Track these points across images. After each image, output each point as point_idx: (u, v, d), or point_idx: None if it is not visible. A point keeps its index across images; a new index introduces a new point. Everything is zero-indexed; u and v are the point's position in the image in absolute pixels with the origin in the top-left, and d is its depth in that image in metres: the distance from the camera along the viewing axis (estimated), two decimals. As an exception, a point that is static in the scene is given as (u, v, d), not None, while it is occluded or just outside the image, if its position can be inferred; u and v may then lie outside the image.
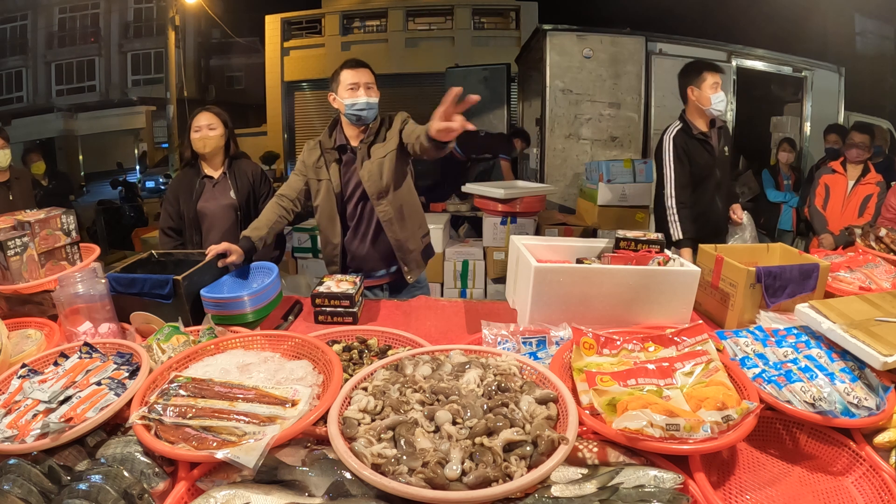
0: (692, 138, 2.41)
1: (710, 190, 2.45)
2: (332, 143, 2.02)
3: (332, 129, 2.05)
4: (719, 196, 2.49)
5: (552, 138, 4.83)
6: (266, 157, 8.88)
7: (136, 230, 6.37)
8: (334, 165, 2.01)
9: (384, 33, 10.65)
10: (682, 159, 2.38)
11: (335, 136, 2.03)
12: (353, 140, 2.02)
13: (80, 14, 13.20)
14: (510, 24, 10.40)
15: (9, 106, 12.39)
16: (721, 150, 2.47)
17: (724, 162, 2.48)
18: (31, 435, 0.94)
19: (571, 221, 4.25)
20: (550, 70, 4.71)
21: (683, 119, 2.45)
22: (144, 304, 1.51)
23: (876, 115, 5.94)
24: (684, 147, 2.39)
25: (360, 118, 1.94)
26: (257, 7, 10.97)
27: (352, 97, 1.91)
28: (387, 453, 0.85)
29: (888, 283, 1.62)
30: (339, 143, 2.01)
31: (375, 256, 2.08)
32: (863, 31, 8.07)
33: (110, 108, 12.88)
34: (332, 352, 1.15)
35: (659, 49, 4.85)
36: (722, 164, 2.46)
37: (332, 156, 2.02)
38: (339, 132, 2.03)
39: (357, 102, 1.91)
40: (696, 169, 2.41)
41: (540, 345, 1.30)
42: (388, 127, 2.03)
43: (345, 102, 1.92)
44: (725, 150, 2.49)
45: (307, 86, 11.05)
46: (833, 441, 1.02)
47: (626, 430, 0.89)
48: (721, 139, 2.49)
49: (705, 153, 2.42)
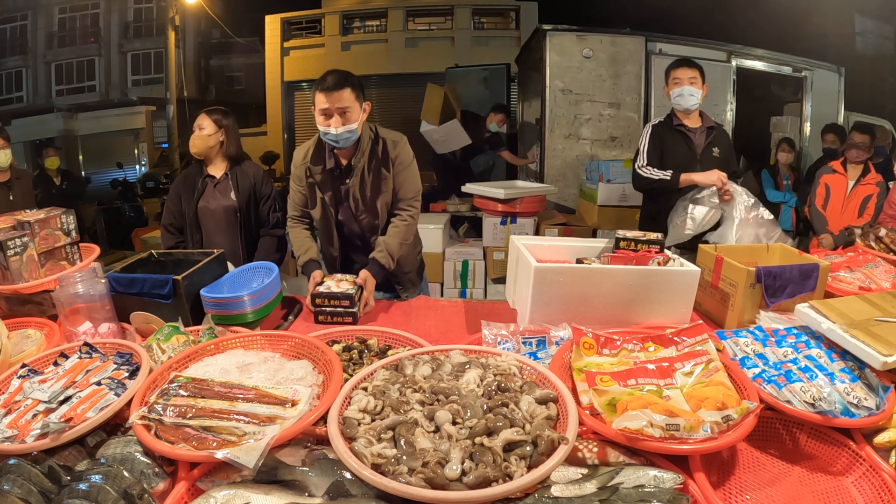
0: (671, 129, 2.51)
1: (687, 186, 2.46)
2: (321, 166, 1.90)
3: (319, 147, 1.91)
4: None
5: (552, 138, 4.83)
6: (266, 157, 8.87)
7: (136, 230, 6.37)
8: (327, 184, 1.92)
9: (384, 33, 10.64)
10: (656, 143, 2.51)
11: (325, 155, 1.89)
12: (341, 156, 1.89)
13: (80, 14, 13.19)
14: (510, 24, 10.39)
15: (9, 106, 12.38)
16: (707, 150, 2.49)
17: (712, 162, 2.47)
18: (31, 435, 0.94)
19: (571, 221, 4.25)
20: (550, 70, 4.71)
21: (670, 114, 2.56)
22: (144, 304, 1.51)
23: (876, 115, 5.94)
24: (660, 135, 2.52)
25: (337, 145, 1.81)
26: (257, 7, 10.96)
27: (324, 125, 1.76)
28: (387, 453, 0.85)
29: (888, 283, 1.62)
30: (328, 167, 1.89)
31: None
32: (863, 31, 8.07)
33: (110, 108, 12.87)
34: (332, 352, 1.16)
35: (659, 49, 4.85)
36: (707, 164, 2.45)
37: (323, 176, 1.91)
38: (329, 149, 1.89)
39: (329, 133, 1.76)
40: (670, 158, 2.48)
41: (540, 345, 1.30)
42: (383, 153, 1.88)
43: (319, 128, 1.79)
44: (714, 151, 2.50)
45: (307, 86, 11.03)
46: (833, 441, 1.02)
47: (626, 430, 0.89)
48: (710, 139, 2.50)
49: (683, 145, 2.49)
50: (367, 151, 1.88)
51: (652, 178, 2.43)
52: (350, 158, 1.89)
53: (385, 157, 1.89)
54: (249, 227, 2.31)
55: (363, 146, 1.87)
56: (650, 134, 2.54)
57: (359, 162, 1.87)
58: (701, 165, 2.46)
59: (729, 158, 2.56)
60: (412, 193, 1.95)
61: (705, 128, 2.51)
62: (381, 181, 1.90)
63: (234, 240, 2.28)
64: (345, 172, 1.91)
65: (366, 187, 1.90)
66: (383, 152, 1.89)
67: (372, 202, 1.92)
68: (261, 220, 2.35)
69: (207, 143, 2.24)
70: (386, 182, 1.90)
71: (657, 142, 2.51)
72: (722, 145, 2.53)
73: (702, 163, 2.47)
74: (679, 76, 2.45)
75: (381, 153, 1.89)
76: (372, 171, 1.89)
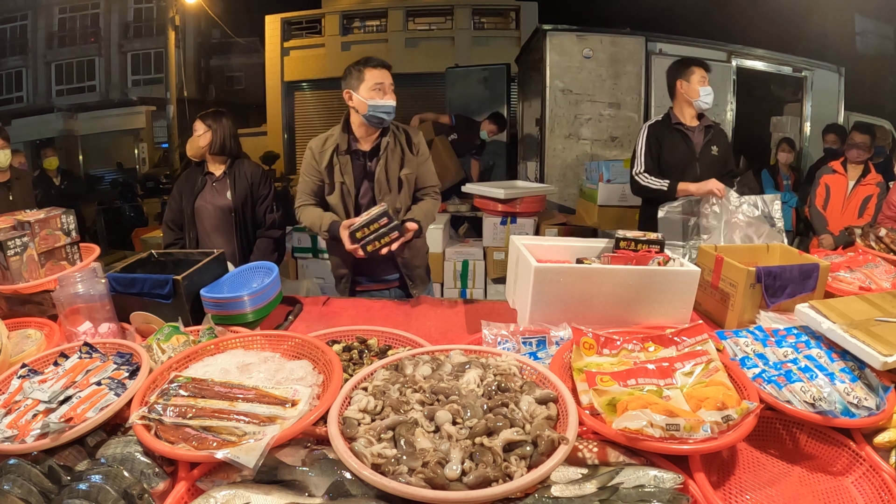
0: (669, 128, 2.50)
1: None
2: (346, 145, 1.98)
3: (346, 130, 2.00)
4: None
5: (552, 138, 4.83)
6: (266, 157, 8.87)
7: (136, 230, 6.37)
8: (349, 168, 1.98)
9: (384, 33, 10.64)
10: (652, 147, 2.50)
11: (349, 137, 1.99)
12: (364, 142, 1.99)
13: (80, 14, 13.18)
14: (510, 24, 10.38)
15: (9, 106, 12.37)
16: (706, 148, 2.49)
17: (711, 161, 2.48)
18: (31, 435, 0.94)
19: (571, 221, 4.25)
20: (550, 70, 4.71)
21: (668, 113, 2.55)
22: (144, 304, 1.51)
23: (876, 115, 5.94)
24: (657, 136, 2.51)
25: (382, 121, 1.92)
26: (257, 7, 10.95)
27: (378, 98, 1.88)
28: (387, 453, 0.85)
29: (888, 283, 1.62)
30: (353, 148, 1.98)
31: (380, 259, 2.05)
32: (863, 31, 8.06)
33: (110, 108, 12.86)
34: (332, 352, 1.15)
35: (659, 49, 4.85)
36: (706, 163, 2.47)
37: (345, 158, 1.98)
38: (351, 132, 2.00)
39: (383, 104, 1.88)
40: (669, 158, 2.48)
41: (540, 345, 1.30)
42: (406, 141, 2.01)
43: (368, 103, 1.88)
44: (713, 150, 2.50)
45: (307, 86, 11.04)
46: (833, 441, 1.02)
47: (626, 430, 0.89)
48: (709, 138, 2.50)
49: (682, 144, 2.48)
50: (392, 133, 2.00)
51: (649, 187, 2.43)
52: (373, 142, 1.99)
53: (409, 142, 2.03)
54: (245, 227, 2.32)
55: (391, 128, 2.01)
56: (646, 136, 2.53)
57: (387, 143, 1.98)
58: (700, 164, 2.46)
59: (727, 157, 2.57)
60: (433, 182, 2.11)
61: (703, 126, 2.51)
62: (405, 162, 2.01)
63: (229, 239, 2.28)
64: (368, 155, 2.00)
65: (391, 167, 1.99)
66: (406, 137, 2.03)
67: (397, 182, 1.99)
68: (257, 221, 2.35)
69: (199, 145, 2.30)
70: (409, 164, 2.01)
71: (653, 144, 2.50)
72: (720, 144, 2.53)
73: (700, 161, 2.47)
74: (705, 75, 2.44)
75: (404, 138, 2.03)
76: (396, 153, 2.00)
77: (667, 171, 2.47)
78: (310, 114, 11.02)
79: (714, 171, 2.50)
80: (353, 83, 1.91)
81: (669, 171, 2.46)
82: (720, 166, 2.49)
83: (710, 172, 2.47)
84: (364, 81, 1.88)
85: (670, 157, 2.47)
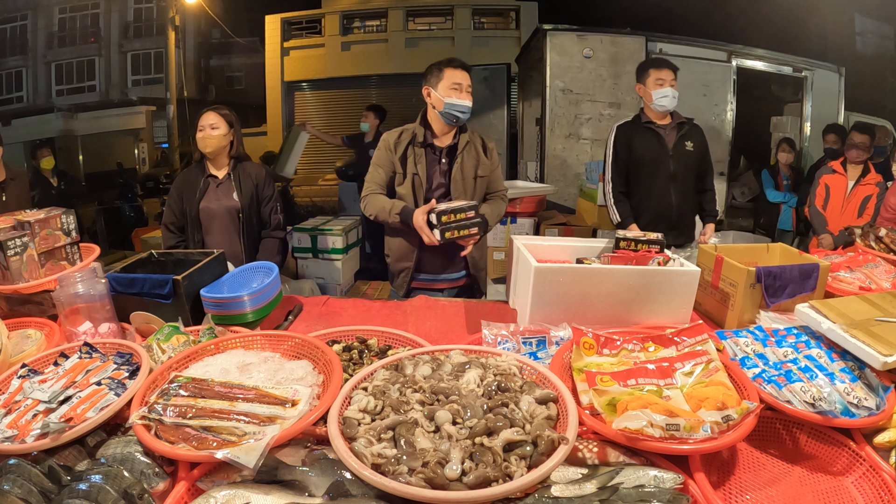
0: (640, 126, 2.53)
1: (660, 181, 2.50)
2: (423, 138, 2.03)
3: (423, 124, 2.06)
4: (675, 189, 2.51)
5: (552, 138, 4.84)
6: (266, 157, 8.87)
7: (136, 230, 6.36)
8: (423, 160, 2.03)
9: (384, 33, 10.64)
10: (620, 149, 2.54)
11: (426, 132, 2.05)
12: (440, 139, 2.05)
13: (80, 14, 13.16)
14: (510, 24, 10.39)
15: (9, 106, 12.36)
16: (679, 144, 2.50)
17: (685, 156, 2.49)
18: (31, 435, 0.94)
19: (571, 221, 4.25)
20: (550, 70, 4.72)
21: (638, 113, 2.58)
22: (144, 304, 1.51)
23: (876, 115, 5.93)
24: (627, 136, 2.54)
25: (457, 118, 1.98)
26: (257, 7, 10.97)
27: (455, 97, 1.95)
28: (387, 453, 0.85)
29: (888, 283, 1.62)
30: (429, 141, 2.04)
31: (449, 256, 2.07)
32: (863, 31, 8.05)
33: (110, 108, 12.85)
34: (332, 352, 1.15)
35: (659, 49, 4.85)
36: (680, 159, 2.48)
37: (420, 151, 2.03)
38: (429, 127, 2.05)
39: (459, 104, 1.96)
40: (640, 157, 2.50)
41: (540, 345, 1.30)
42: (482, 145, 2.09)
43: (445, 101, 1.95)
44: (687, 145, 2.50)
45: (307, 86, 11.05)
46: (833, 441, 1.02)
47: (626, 430, 0.89)
48: (682, 133, 2.51)
49: (653, 142, 2.50)
50: (469, 134, 2.09)
51: (608, 207, 2.54)
52: (449, 140, 2.06)
53: (484, 145, 2.12)
54: (251, 228, 2.31)
55: (467, 128, 2.09)
56: (614, 139, 2.56)
57: (466, 141, 2.06)
58: (673, 161, 2.48)
59: (703, 152, 2.56)
60: (502, 187, 2.20)
61: (676, 124, 2.52)
62: (479, 163, 2.08)
63: (235, 240, 2.28)
64: (444, 152, 2.06)
65: (466, 166, 2.05)
66: (482, 142, 2.12)
67: (472, 181, 2.06)
68: (262, 222, 2.35)
69: (221, 143, 2.25)
70: (483, 167, 2.08)
71: (622, 149, 2.54)
72: (696, 139, 2.53)
73: (674, 158, 2.49)
74: (663, 77, 2.43)
75: (480, 142, 2.11)
76: (471, 153, 2.07)
77: (639, 167, 2.51)
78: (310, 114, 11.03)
79: (691, 168, 2.53)
80: (433, 81, 1.99)
81: (638, 170, 2.50)
82: (697, 161, 2.53)
83: (685, 167, 2.51)
84: (443, 80, 1.96)
85: (644, 153, 2.50)
